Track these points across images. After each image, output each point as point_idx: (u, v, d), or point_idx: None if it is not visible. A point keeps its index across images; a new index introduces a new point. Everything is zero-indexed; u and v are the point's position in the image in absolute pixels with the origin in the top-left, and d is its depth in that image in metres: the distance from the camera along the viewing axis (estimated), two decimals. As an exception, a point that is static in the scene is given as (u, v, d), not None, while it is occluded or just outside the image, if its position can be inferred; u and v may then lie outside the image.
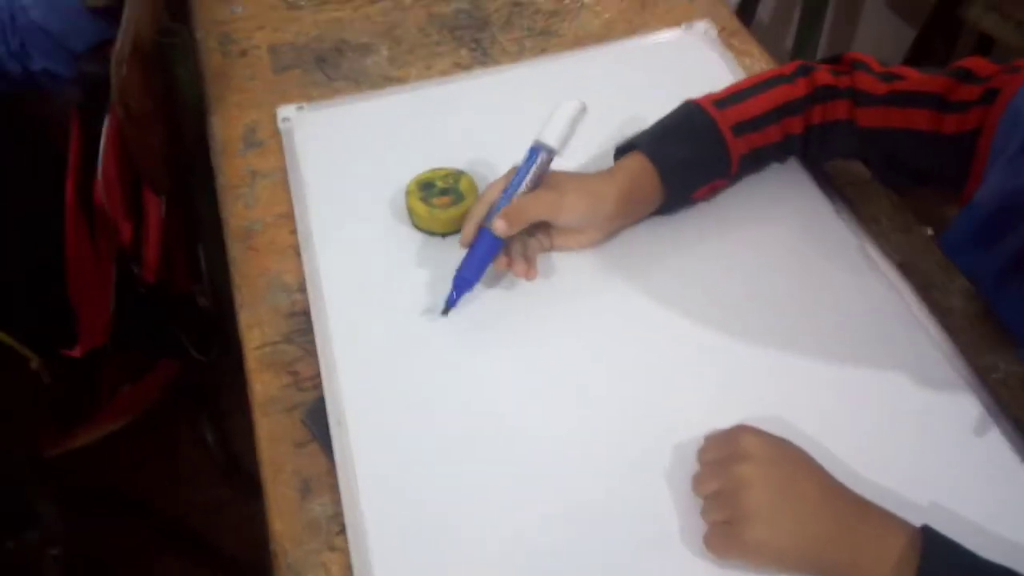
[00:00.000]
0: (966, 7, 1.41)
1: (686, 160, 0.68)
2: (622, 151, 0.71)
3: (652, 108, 0.71)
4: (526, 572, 0.54)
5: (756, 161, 0.72)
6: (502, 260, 0.66)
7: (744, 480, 0.52)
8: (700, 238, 0.72)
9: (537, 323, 0.67)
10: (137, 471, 1.37)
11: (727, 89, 0.71)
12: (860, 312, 0.66)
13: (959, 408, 0.60)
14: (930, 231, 0.75)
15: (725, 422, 0.57)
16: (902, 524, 0.50)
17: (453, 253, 0.71)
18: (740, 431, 0.55)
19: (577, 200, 0.66)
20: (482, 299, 0.68)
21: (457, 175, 0.74)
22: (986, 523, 0.54)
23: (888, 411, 0.61)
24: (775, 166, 0.76)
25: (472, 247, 0.66)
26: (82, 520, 1.24)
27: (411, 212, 0.73)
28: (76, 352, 1.04)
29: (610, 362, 0.64)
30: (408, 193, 0.73)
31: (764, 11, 1.82)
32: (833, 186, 0.76)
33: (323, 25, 0.96)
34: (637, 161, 0.68)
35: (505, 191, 0.66)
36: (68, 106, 0.96)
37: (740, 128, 0.69)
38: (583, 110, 0.67)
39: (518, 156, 0.67)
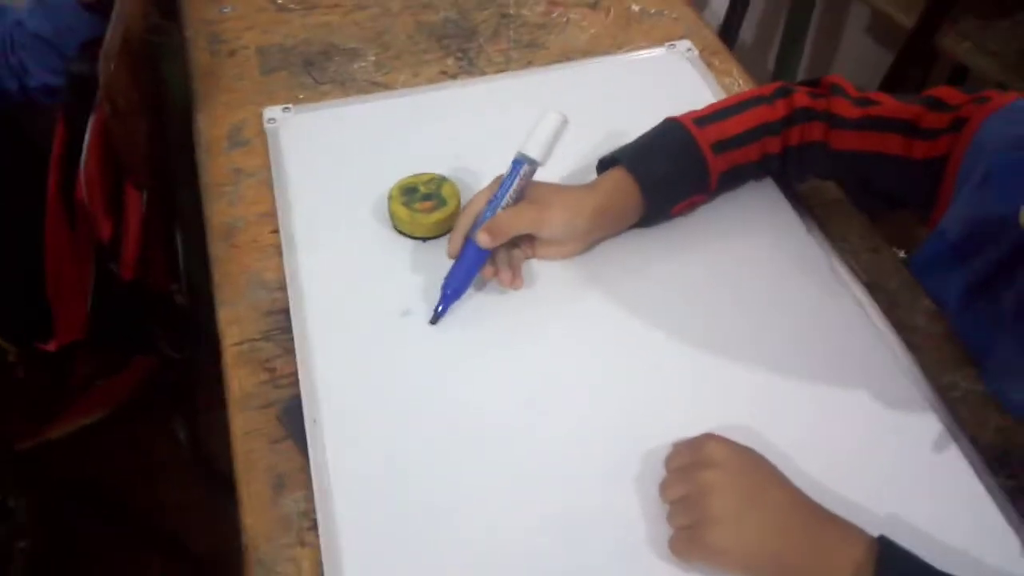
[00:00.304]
0: (941, 36, 1.45)
1: (667, 176, 0.70)
2: (605, 165, 0.73)
3: (634, 123, 0.73)
4: (496, 572, 0.54)
5: (734, 178, 0.74)
6: (488, 269, 0.68)
7: (709, 486, 0.53)
8: (676, 251, 0.73)
9: (514, 329, 0.68)
10: (110, 468, 1.36)
11: (708, 108, 0.73)
12: (827, 328, 0.68)
13: (919, 424, 0.62)
14: (903, 253, 0.77)
15: (694, 431, 0.59)
16: (860, 533, 0.51)
17: (434, 257, 0.72)
18: (706, 439, 0.56)
19: (559, 214, 0.67)
20: (461, 303, 0.69)
21: (440, 181, 0.75)
22: (941, 536, 0.56)
23: (851, 424, 0.62)
24: (751, 184, 0.78)
25: (459, 258, 0.67)
26: (53, 515, 1.23)
27: (393, 216, 0.74)
28: (52, 346, 1.03)
29: (583, 370, 0.65)
30: (391, 197, 0.74)
31: (746, 34, 1.86)
32: (805, 205, 0.78)
33: (311, 29, 0.97)
34: (619, 175, 0.70)
35: (490, 202, 0.67)
36: (55, 105, 0.96)
37: (720, 146, 0.70)
38: (565, 122, 0.68)
39: (501, 165, 0.68)
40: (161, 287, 1.09)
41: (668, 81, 0.90)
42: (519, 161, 0.67)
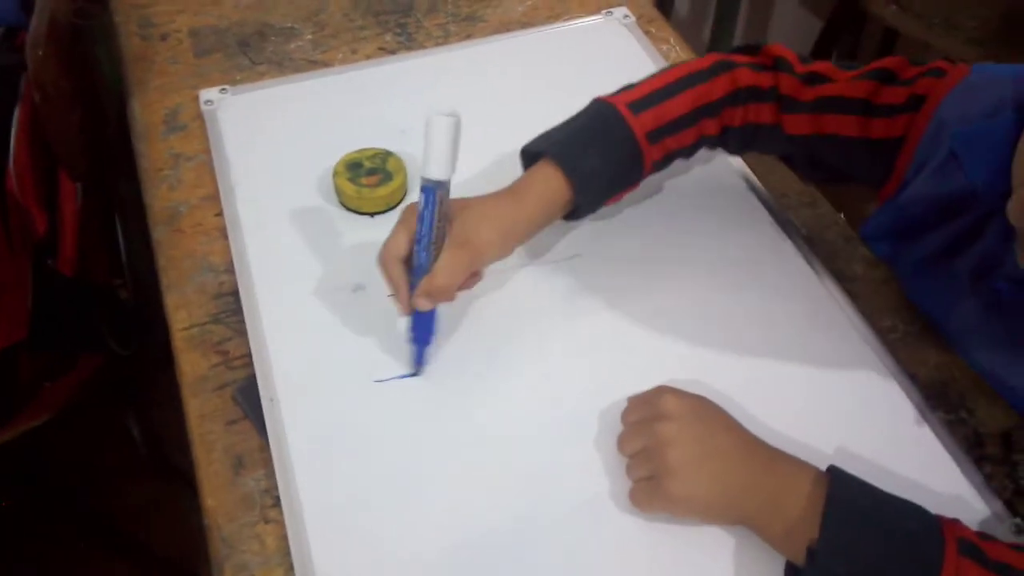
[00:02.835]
0: (867, 1, 1.49)
1: (599, 170, 0.64)
2: (529, 155, 0.67)
3: (575, 91, 0.73)
4: (460, 539, 0.55)
5: (664, 165, 0.69)
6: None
7: (665, 438, 0.54)
8: (622, 206, 0.74)
9: (472, 293, 0.68)
10: (63, 470, 1.34)
11: (641, 87, 0.67)
12: (771, 279, 0.70)
13: (861, 365, 0.65)
14: (842, 215, 0.79)
15: (647, 385, 0.60)
16: (810, 468, 0.53)
17: (382, 232, 0.71)
18: (660, 392, 0.57)
19: (493, 246, 0.62)
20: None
21: (385, 155, 0.75)
22: (885, 464, 0.58)
23: (797, 369, 0.64)
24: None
25: (416, 315, 0.61)
26: (9, 520, 1.20)
27: (339, 192, 0.74)
28: (-8, 348, 1.00)
29: (538, 334, 0.66)
30: (336, 173, 0.74)
31: (682, 5, 1.88)
32: (746, 162, 0.80)
33: (245, 9, 0.95)
34: (548, 172, 0.64)
35: (419, 241, 0.60)
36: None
37: (656, 134, 0.65)
38: (458, 122, 0.60)
39: None
40: (104, 282, 1.06)
41: (606, 49, 0.91)
42: (429, 188, 0.59)
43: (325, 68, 0.88)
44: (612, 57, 0.90)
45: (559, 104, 0.75)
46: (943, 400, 0.64)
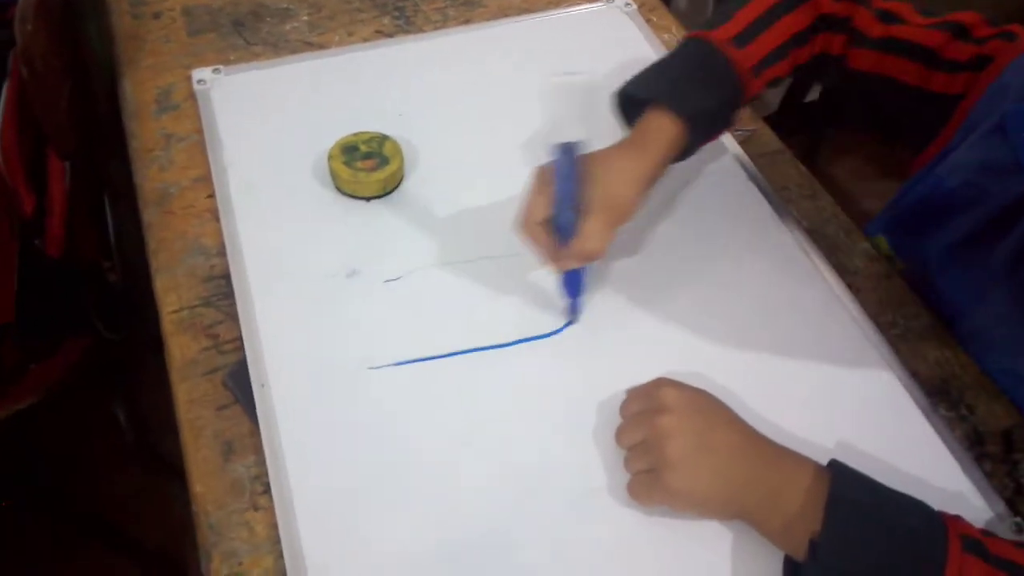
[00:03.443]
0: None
1: (711, 112, 0.63)
2: (628, 97, 0.65)
3: (576, 79, 0.73)
4: (453, 530, 0.54)
5: (756, 98, 0.68)
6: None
7: (665, 430, 0.53)
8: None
9: (463, 291, 0.67)
10: (49, 458, 1.32)
11: (736, 20, 0.65)
12: (772, 271, 0.69)
13: (862, 361, 0.64)
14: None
15: (645, 377, 0.59)
16: (810, 463, 0.52)
17: (378, 217, 0.71)
18: (660, 384, 0.57)
19: (634, 201, 0.60)
20: (408, 267, 0.68)
21: (381, 139, 0.74)
22: (885, 460, 0.58)
23: (799, 364, 0.64)
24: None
25: (567, 273, 0.62)
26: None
27: (334, 176, 0.72)
28: (-21, 330, 0.98)
29: (534, 326, 0.65)
30: (331, 157, 0.72)
31: (679, 2, 1.87)
32: (747, 154, 0.79)
33: (240, -11, 0.93)
34: (662, 118, 0.61)
35: (562, 201, 0.58)
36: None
37: (759, 67, 0.64)
38: (590, 82, 0.60)
39: (446, 122, 0.65)
40: (92, 263, 1.04)
41: (607, 36, 0.90)
42: (568, 147, 0.59)
43: (321, 50, 0.87)
44: (613, 45, 0.89)
45: (559, 91, 0.74)
46: (944, 397, 0.63)
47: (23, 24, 0.73)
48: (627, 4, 0.94)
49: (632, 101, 0.65)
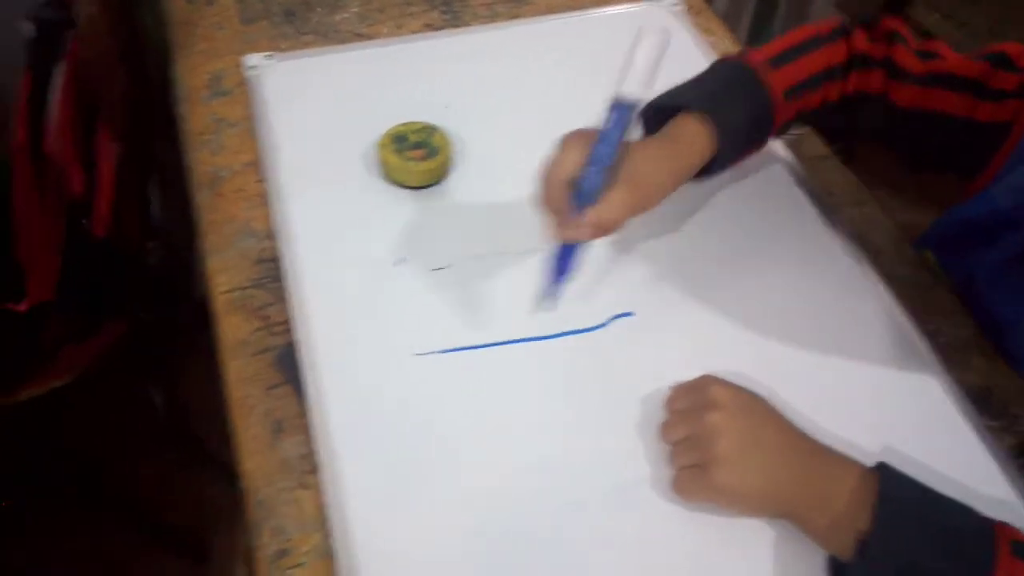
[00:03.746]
0: (912, 7, 1.47)
1: (742, 127, 0.62)
2: (658, 108, 0.63)
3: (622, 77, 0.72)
4: (497, 516, 0.55)
5: (785, 129, 0.68)
6: None
7: (713, 427, 0.54)
8: (672, 204, 0.73)
9: (509, 282, 0.67)
10: (83, 435, 1.34)
11: (772, 46, 0.65)
12: (819, 278, 0.69)
13: (907, 367, 0.64)
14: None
15: (689, 374, 0.59)
16: (857, 463, 0.52)
17: (426, 206, 0.72)
18: (708, 381, 0.57)
19: (662, 187, 0.59)
20: (455, 256, 0.68)
21: (430, 129, 0.74)
22: (929, 465, 0.57)
23: (844, 369, 0.64)
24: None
25: (563, 247, 0.58)
26: (26, 479, 1.21)
27: (384, 164, 0.73)
28: (23, 307, 1.00)
29: (581, 318, 0.65)
30: (381, 145, 0.73)
31: (719, 5, 1.87)
32: (795, 157, 0.79)
33: (291, -22, 0.94)
34: (696, 125, 0.60)
35: (595, 163, 0.55)
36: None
37: (791, 92, 0.64)
38: (667, 43, 0.54)
39: (493, 115, 0.66)
40: (134, 245, 1.06)
41: (654, 37, 0.90)
42: (623, 107, 0.54)
43: (370, 41, 0.88)
44: (660, 45, 0.89)
45: (604, 88, 0.74)
46: (987, 406, 0.63)
47: (88, 6, 0.75)
48: (674, 4, 0.94)
49: (662, 112, 0.63)
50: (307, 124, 0.78)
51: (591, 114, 0.59)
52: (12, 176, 0.97)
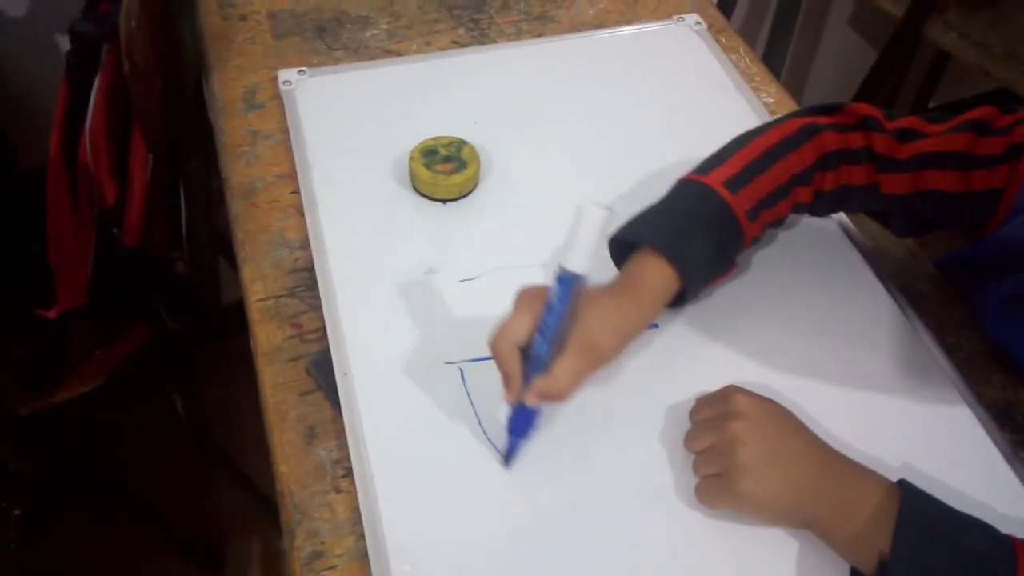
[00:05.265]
0: (927, 26, 1.49)
1: (705, 257, 0.61)
2: (622, 243, 0.63)
3: (649, 94, 0.74)
4: (523, 523, 0.56)
5: (760, 239, 0.67)
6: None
7: (737, 436, 0.55)
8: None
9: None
10: (106, 441, 1.36)
11: (732, 162, 0.63)
12: (840, 290, 0.71)
13: (929, 381, 0.65)
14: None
15: (714, 385, 0.60)
16: (880, 478, 0.53)
17: (455, 219, 0.74)
18: (732, 392, 0.58)
19: (614, 349, 0.58)
20: (483, 268, 0.70)
21: (460, 144, 0.76)
22: (949, 481, 0.58)
23: (866, 382, 0.65)
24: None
25: (520, 408, 0.57)
26: (51, 483, 1.22)
27: (414, 177, 0.75)
28: (52, 313, 1.02)
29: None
30: (412, 158, 0.75)
31: (736, 22, 1.89)
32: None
33: (322, -5, 0.97)
34: (656, 265, 0.60)
35: (542, 332, 0.55)
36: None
37: (755, 211, 0.62)
38: (610, 218, 0.53)
39: (519, 130, 0.67)
40: (162, 254, 1.08)
41: (677, 54, 0.92)
42: (566, 280, 0.54)
43: (399, 57, 0.90)
44: (682, 62, 0.91)
45: (629, 105, 0.76)
46: (1008, 421, 0.64)
47: (128, 20, 0.77)
48: (697, 23, 0.96)
49: (625, 245, 0.62)
50: (339, 137, 0.80)
51: (614, 131, 0.62)
52: (47, 186, 0.99)
